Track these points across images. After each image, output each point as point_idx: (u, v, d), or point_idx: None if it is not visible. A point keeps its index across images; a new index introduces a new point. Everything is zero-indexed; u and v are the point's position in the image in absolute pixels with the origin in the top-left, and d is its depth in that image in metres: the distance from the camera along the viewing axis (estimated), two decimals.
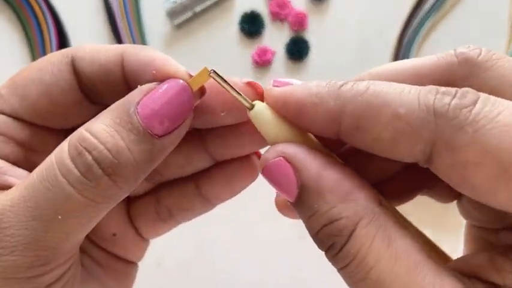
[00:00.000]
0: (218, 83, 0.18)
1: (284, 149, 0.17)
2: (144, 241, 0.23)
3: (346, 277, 0.16)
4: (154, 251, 0.51)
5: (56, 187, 0.15)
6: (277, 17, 0.51)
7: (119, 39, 0.51)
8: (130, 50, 0.18)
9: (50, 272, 0.17)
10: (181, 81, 0.17)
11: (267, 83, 0.50)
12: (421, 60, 0.18)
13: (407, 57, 0.50)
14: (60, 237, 0.16)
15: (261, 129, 0.18)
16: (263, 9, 0.51)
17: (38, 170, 0.16)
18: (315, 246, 0.17)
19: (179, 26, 0.51)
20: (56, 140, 0.19)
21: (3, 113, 0.18)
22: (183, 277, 0.49)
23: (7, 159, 0.18)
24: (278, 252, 0.49)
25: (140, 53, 0.18)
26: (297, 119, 0.17)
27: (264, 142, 0.19)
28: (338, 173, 0.16)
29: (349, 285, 0.16)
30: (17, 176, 0.18)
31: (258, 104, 0.18)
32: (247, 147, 0.21)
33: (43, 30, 0.50)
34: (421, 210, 0.50)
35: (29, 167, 0.18)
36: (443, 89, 0.15)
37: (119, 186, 0.16)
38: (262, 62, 0.50)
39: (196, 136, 0.21)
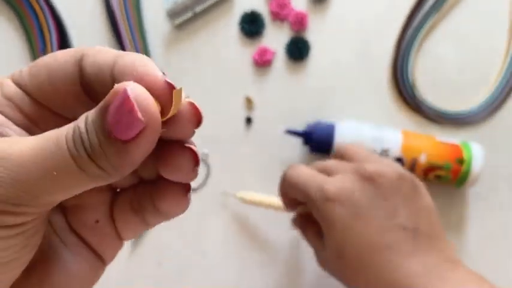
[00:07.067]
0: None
1: None
2: (119, 241, 0.24)
3: None
4: (154, 251, 0.51)
5: (61, 148, 0.18)
6: (278, 17, 0.51)
7: (119, 39, 0.51)
8: (121, 54, 0.19)
9: (19, 215, 0.19)
10: (127, 90, 0.18)
11: (267, 83, 0.51)
12: None
13: (408, 57, 0.51)
14: (46, 189, 0.18)
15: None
16: (263, 9, 0.51)
17: (46, 134, 0.19)
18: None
19: (179, 26, 0.52)
20: (55, 122, 0.21)
21: (18, 85, 0.21)
22: (183, 277, 0.50)
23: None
24: (278, 253, 0.49)
25: (125, 57, 0.19)
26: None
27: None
28: None
29: None
30: (13, 129, 0.20)
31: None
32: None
33: (44, 30, 0.51)
34: None
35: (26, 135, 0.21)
36: None
37: (100, 169, 0.19)
38: (263, 62, 0.50)
39: None
